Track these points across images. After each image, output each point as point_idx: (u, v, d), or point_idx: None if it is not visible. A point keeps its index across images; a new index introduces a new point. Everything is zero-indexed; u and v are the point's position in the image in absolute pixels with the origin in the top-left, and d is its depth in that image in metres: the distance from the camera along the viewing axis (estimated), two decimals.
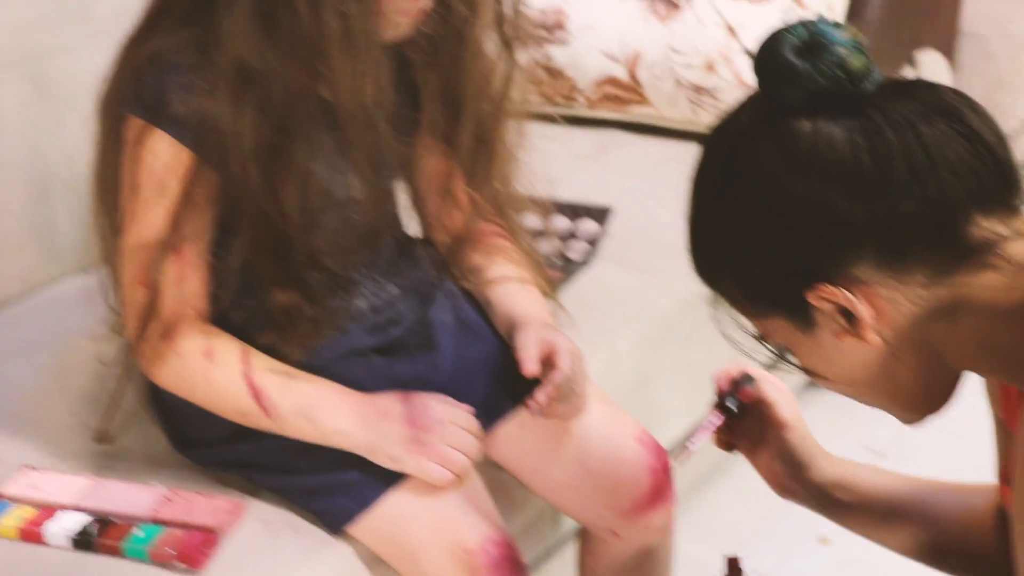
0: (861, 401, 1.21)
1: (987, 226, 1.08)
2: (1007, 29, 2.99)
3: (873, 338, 1.11)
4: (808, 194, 1.08)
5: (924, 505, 1.43)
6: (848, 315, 1.10)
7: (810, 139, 1.07)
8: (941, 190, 1.07)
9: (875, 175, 1.06)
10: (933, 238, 1.09)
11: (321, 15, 1.33)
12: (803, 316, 1.12)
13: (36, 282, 1.83)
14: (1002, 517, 1.37)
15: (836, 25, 1.09)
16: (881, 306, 1.10)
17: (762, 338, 1.21)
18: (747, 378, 1.45)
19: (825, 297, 1.09)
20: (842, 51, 1.07)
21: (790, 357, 1.20)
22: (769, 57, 1.09)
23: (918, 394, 1.18)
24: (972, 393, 1.28)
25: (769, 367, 1.30)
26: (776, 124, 1.09)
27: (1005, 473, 1.27)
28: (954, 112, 1.08)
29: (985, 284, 1.09)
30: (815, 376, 1.19)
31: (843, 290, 1.09)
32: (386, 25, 1.40)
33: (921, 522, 1.42)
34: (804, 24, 1.09)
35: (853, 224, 1.08)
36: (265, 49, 1.36)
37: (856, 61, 1.06)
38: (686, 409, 1.92)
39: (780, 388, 1.45)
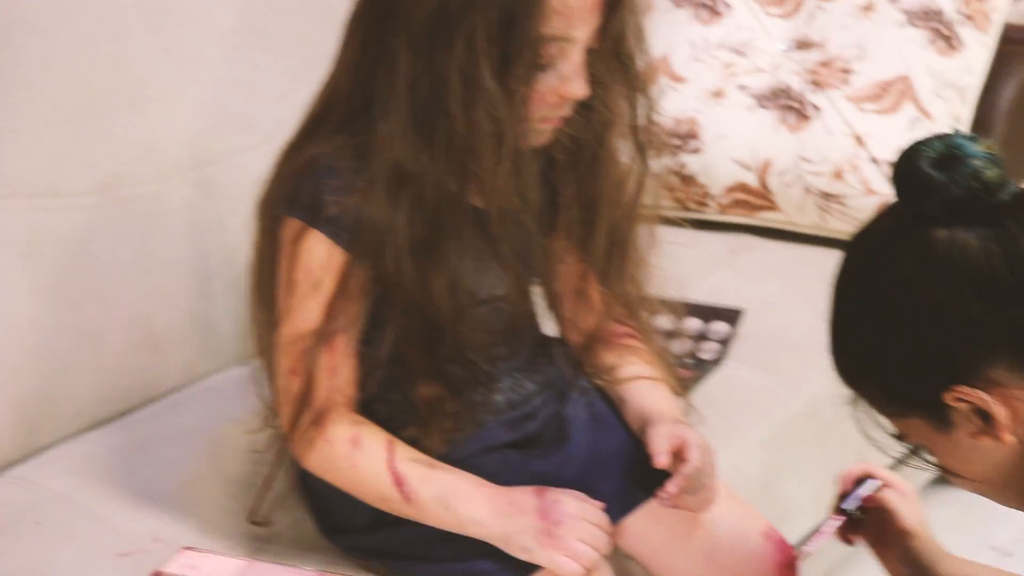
0: (995, 500, 1.20)
1: None
2: None
3: (1009, 438, 1.09)
4: (944, 300, 1.08)
5: None
6: (984, 416, 1.09)
7: (946, 247, 1.07)
8: None
9: (1009, 282, 1.06)
10: None
11: (474, 120, 1.35)
12: (940, 416, 1.11)
13: (196, 373, 1.84)
14: None
15: (971, 138, 1.09)
16: (1017, 407, 1.09)
17: (900, 437, 1.19)
18: (870, 481, 1.44)
19: (962, 398, 1.08)
20: (977, 163, 1.07)
21: (926, 455, 1.19)
22: (907, 169, 1.10)
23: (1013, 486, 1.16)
24: None
25: (901, 463, 1.26)
26: (914, 233, 1.10)
27: None
28: None
29: None
30: (950, 475, 1.18)
31: (980, 392, 1.08)
32: (531, 131, 1.42)
33: None
34: (940, 137, 1.10)
35: (988, 329, 1.07)
36: (420, 152, 1.37)
37: (991, 173, 1.07)
38: (814, 507, 1.83)
39: (904, 493, 1.44)
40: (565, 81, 1.39)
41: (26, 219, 1.67)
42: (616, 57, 1.45)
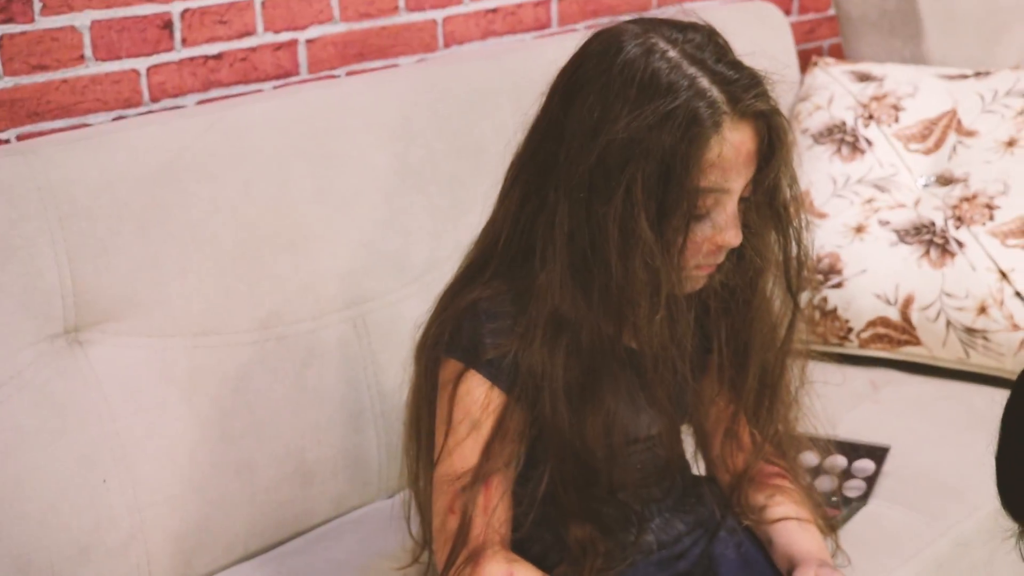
0: None
1: None
2: None
3: None
4: None
5: None
6: None
7: None
8: None
9: None
10: None
11: (631, 269, 1.36)
12: None
13: (346, 506, 1.86)
14: None
15: None
16: None
17: None
18: None
19: None
20: None
21: None
22: None
23: None
24: None
25: None
26: None
27: None
28: None
29: None
30: None
31: None
32: (687, 279, 1.44)
33: None
34: None
35: None
36: (578, 299, 1.39)
37: None
38: None
39: None
40: (720, 230, 1.40)
41: (190, 356, 1.70)
42: (769, 206, 1.47)
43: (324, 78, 2.17)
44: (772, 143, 1.42)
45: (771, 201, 1.46)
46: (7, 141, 1.82)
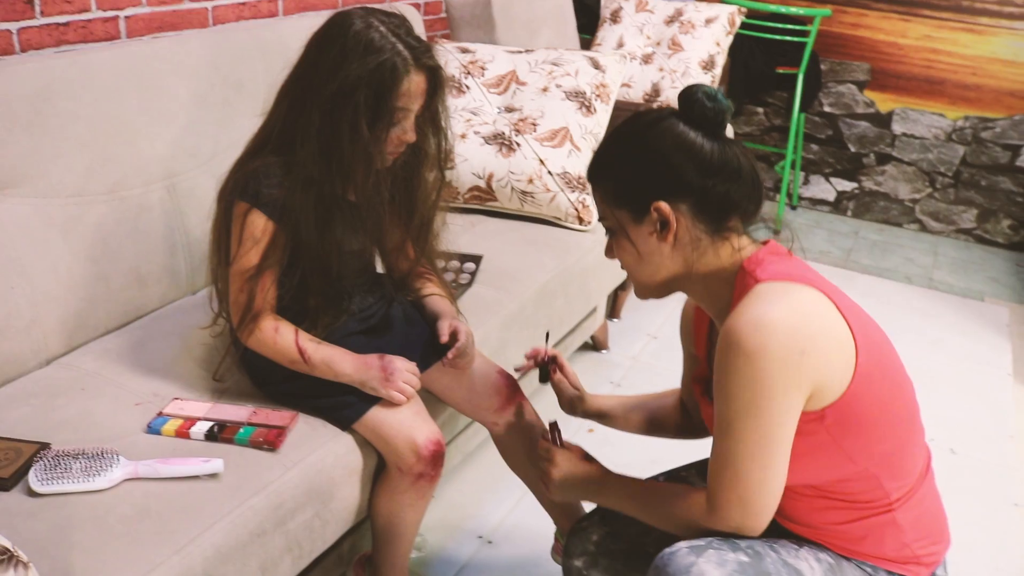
0: (640, 277, 1.15)
1: (735, 223, 1.12)
2: None
3: (671, 239, 1.10)
4: (678, 162, 1.06)
5: (644, 407, 1.48)
6: (663, 225, 1.10)
7: (691, 137, 1.07)
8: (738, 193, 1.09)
9: (712, 165, 1.06)
10: (720, 212, 1.10)
11: (355, 152, 1.35)
12: (640, 214, 1.10)
13: (168, 299, 1.83)
14: (682, 404, 1.45)
15: (719, 92, 1.09)
16: (681, 228, 1.10)
17: (606, 222, 1.15)
18: (552, 360, 1.48)
19: (659, 209, 1.09)
20: (724, 103, 1.08)
21: (619, 236, 1.14)
22: (690, 94, 1.08)
23: (664, 285, 1.16)
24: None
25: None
26: (678, 126, 1.08)
27: (694, 378, 1.30)
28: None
29: (720, 249, 1.12)
30: (627, 250, 1.13)
31: (669, 209, 1.08)
32: (385, 159, 1.43)
33: (643, 415, 1.47)
34: (707, 87, 1.09)
35: (692, 182, 1.07)
36: (321, 168, 1.35)
37: (727, 109, 1.08)
38: (519, 355, 1.84)
39: (568, 370, 1.48)
40: (405, 132, 1.41)
41: (65, 210, 1.64)
42: (432, 121, 1.47)
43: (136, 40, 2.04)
44: (436, 84, 1.42)
45: (433, 118, 1.46)
46: None
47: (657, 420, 1.46)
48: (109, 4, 1.98)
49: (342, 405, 1.45)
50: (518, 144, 2.26)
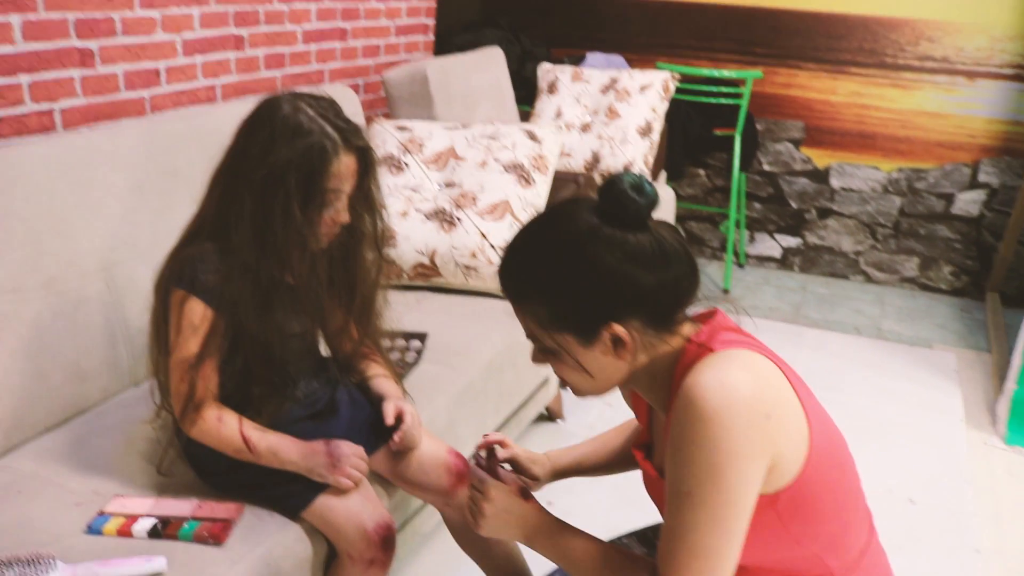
0: (592, 393, 1.07)
1: (682, 312, 1.04)
2: None
3: (626, 356, 1.02)
4: (629, 272, 0.97)
5: (618, 432, 1.39)
6: (616, 343, 1.01)
7: (634, 241, 0.98)
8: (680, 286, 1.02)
9: (658, 258, 0.98)
10: (672, 309, 1.02)
11: (288, 235, 1.35)
12: (589, 337, 1.01)
13: (110, 393, 1.81)
14: (627, 443, 1.36)
15: (640, 176, 1.00)
16: (636, 339, 1.01)
17: (543, 346, 1.04)
18: (490, 454, 1.31)
19: (613, 332, 1.00)
20: (651, 191, 0.98)
21: (559, 356, 1.04)
22: (614, 190, 0.98)
23: (608, 386, 1.08)
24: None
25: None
26: (609, 232, 0.98)
27: (634, 445, 1.21)
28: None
29: (671, 341, 1.04)
30: (577, 372, 1.04)
31: (622, 329, 1.00)
32: (319, 240, 1.43)
33: (620, 439, 1.38)
34: (626, 174, 1.00)
35: (643, 290, 0.99)
36: (256, 252, 1.35)
37: (655, 196, 0.99)
38: (474, 437, 1.96)
39: (516, 451, 1.34)
40: (338, 212, 1.41)
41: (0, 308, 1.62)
42: (365, 200, 1.47)
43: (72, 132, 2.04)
44: (367, 165, 1.43)
45: (366, 197, 1.46)
46: None
47: (613, 455, 1.37)
48: (43, 96, 1.99)
49: (289, 494, 1.44)
50: (459, 219, 2.27)
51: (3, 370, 1.61)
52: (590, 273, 0.98)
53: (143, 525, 1.37)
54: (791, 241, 4.15)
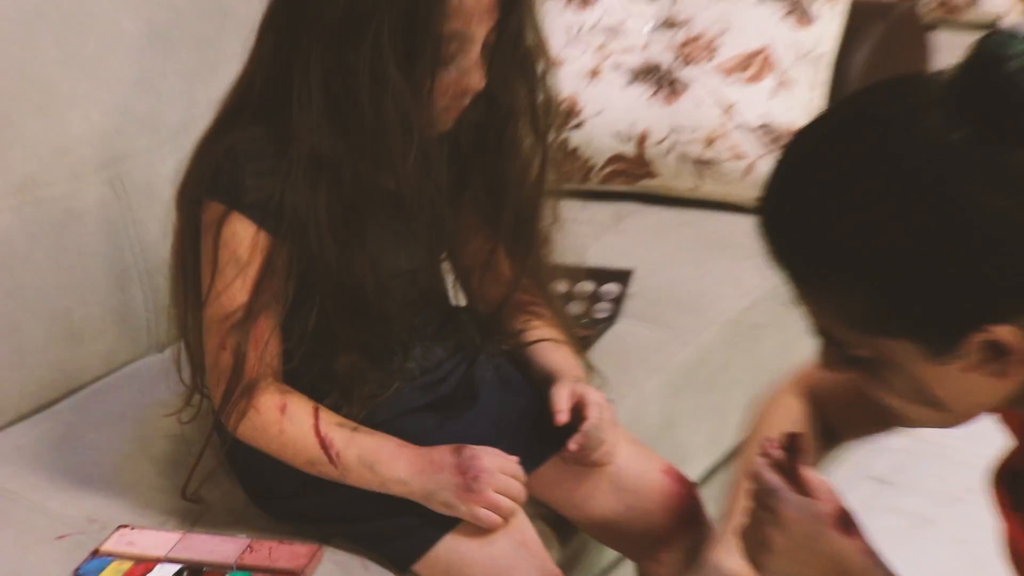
0: (914, 416, 1.08)
1: None
2: None
3: (1009, 372, 1.00)
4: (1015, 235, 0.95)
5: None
6: (996, 351, 0.99)
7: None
8: None
9: None
10: None
11: (382, 111, 1.36)
12: (943, 347, 0.99)
13: (117, 362, 1.82)
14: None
15: None
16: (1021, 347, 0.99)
17: (852, 353, 1.05)
18: (791, 446, 1.22)
19: (990, 340, 0.97)
20: None
21: (879, 370, 1.04)
22: (989, 74, 0.93)
23: (969, 417, 1.08)
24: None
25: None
26: (984, 148, 0.94)
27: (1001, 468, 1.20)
28: None
29: None
30: (902, 389, 1.05)
31: (1006, 330, 0.97)
32: (435, 120, 1.44)
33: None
34: (1014, 35, 0.93)
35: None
36: (335, 140, 1.37)
37: None
38: (708, 447, 1.95)
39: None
40: (465, 74, 1.40)
41: None
42: (514, 53, 1.46)
43: None
44: None
45: (515, 48, 1.45)
46: None
47: None
48: None
49: (396, 532, 1.46)
50: (687, 81, 2.27)
51: None
52: (962, 240, 0.94)
53: (162, 574, 1.39)
54: None
